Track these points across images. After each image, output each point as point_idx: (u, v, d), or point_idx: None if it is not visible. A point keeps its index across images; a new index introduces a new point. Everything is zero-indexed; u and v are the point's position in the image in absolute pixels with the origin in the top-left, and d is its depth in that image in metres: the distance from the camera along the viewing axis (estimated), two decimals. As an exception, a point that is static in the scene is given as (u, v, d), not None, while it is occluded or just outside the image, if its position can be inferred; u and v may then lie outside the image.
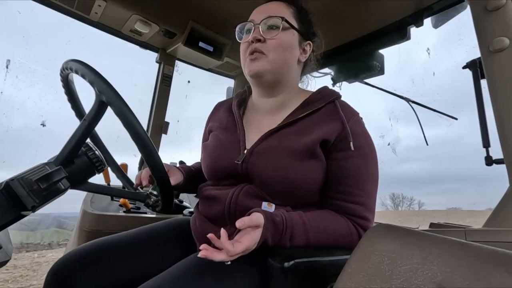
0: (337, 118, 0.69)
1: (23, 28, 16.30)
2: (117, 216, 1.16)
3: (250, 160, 0.68)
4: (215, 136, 0.79)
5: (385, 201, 33.50)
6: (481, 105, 1.05)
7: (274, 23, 0.71)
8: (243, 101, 0.85)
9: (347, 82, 1.61)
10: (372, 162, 0.69)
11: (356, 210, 0.66)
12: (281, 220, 0.60)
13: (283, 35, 0.71)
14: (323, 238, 0.63)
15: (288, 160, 0.65)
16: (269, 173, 0.65)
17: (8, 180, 0.50)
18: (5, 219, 0.50)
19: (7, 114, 3.05)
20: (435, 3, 1.15)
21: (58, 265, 0.66)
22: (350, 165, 0.66)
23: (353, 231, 0.65)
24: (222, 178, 0.73)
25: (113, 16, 1.33)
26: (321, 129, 0.67)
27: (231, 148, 0.73)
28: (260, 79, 0.73)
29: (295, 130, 0.69)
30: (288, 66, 0.74)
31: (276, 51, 0.70)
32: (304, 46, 0.77)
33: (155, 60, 1.65)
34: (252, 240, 0.55)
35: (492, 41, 0.88)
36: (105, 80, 0.56)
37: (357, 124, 0.70)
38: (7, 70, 1.46)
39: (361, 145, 0.67)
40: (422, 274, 0.34)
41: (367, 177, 0.67)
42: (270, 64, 0.71)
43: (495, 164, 1.00)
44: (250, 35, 0.73)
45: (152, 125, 1.63)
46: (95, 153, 0.62)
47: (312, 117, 0.71)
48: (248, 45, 0.72)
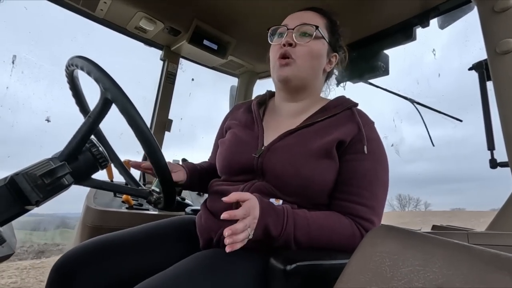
0: (354, 122, 0.71)
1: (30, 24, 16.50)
2: (120, 212, 1.17)
3: (267, 155, 0.70)
4: (233, 133, 0.81)
5: (392, 202, 33.39)
6: (487, 107, 1.04)
7: (307, 30, 0.74)
8: (263, 103, 0.87)
9: (351, 82, 1.60)
10: (383, 168, 0.69)
11: (361, 211, 0.65)
12: (282, 208, 0.61)
13: (314, 44, 0.74)
14: (325, 235, 0.62)
15: (304, 157, 0.67)
16: (284, 167, 0.67)
17: (13, 174, 0.50)
18: (10, 213, 0.50)
19: (13, 109, 3.10)
20: (442, 3, 1.14)
21: (61, 261, 0.66)
22: (361, 167, 0.67)
23: (356, 232, 0.65)
24: (235, 173, 0.75)
25: (118, 13, 1.34)
26: (337, 131, 0.69)
27: (249, 144, 0.75)
28: (287, 84, 0.77)
29: (313, 131, 0.72)
30: (314, 73, 0.77)
31: (305, 58, 0.73)
32: (331, 57, 0.80)
33: (160, 57, 1.66)
34: (250, 203, 0.56)
35: (499, 43, 0.87)
36: (110, 77, 0.56)
37: (372, 131, 0.72)
38: (13, 65, 1.47)
39: (374, 150, 0.69)
40: (424, 276, 0.34)
41: (377, 181, 0.67)
42: (298, 70, 0.73)
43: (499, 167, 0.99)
44: (282, 38, 0.75)
45: (155, 122, 1.63)
46: (98, 149, 0.62)
47: (330, 120, 0.73)
48: (279, 48, 0.75)
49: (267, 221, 0.57)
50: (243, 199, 0.57)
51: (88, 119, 0.58)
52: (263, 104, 0.87)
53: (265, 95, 0.89)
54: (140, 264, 0.69)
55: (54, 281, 0.65)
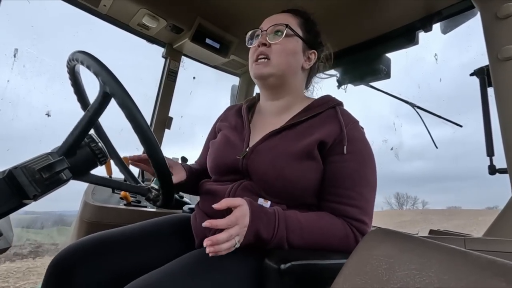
0: (336, 122, 0.72)
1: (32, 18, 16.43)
2: (118, 208, 1.17)
3: (251, 157, 0.71)
4: (223, 135, 0.83)
5: (390, 200, 33.47)
6: (487, 113, 1.04)
7: (279, 29, 0.77)
8: (252, 106, 0.90)
9: (353, 84, 1.60)
10: (369, 168, 0.70)
11: (352, 212, 0.66)
12: (273, 211, 0.61)
13: (286, 41, 0.76)
14: (318, 237, 0.63)
15: (287, 159, 0.68)
16: (267, 170, 0.68)
17: (11, 168, 0.50)
18: (7, 206, 0.50)
19: (13, 103, 3.10)
20: (445, 8, 1.14)
21: (59, 258, 0.66)
22: (347, 169, 0.68)
23: (349, 233, 0.65)
24: (223, 174, 0.76)
25: (121, 10, 1.34)
26: (319, 132, 0.70)
27: (236, 146, 0.77)
28: (264, 81, 0.79)
29: (296, 132, 0.73)
30: (291, 70, 0.78)
31: (280, 55, 0.75)
32: (308, 54, 0.82)
33: (161, 55, 1.65)
34: (240, 212, 0.56)
35: (501, 49, 0.87)
36: (110, 71, 0.56)
37: (356, 130, 0.72)
38: (14, 58, 1.47)
39: (358, 150, 0.69)
40: (420, 280, 0.34)
41: (364, 182, 0.68)
42: (273, 67, 0.75)
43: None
44: (257, 40, 0.79)
45: (155, 119, 1.63)
46: (98, 145, 0.62)
47: (313, 121, 0.74)
48: (255, 50, 0.78)
49: (258, 226, 0.57)
50: (233, 205, 0.57)
51: (87, 113, 0.58)
52: (252, 106, 0.89)
53: (254, 98, 0.92)
54: (137, 261, 0.70)
55: (51, 277, 0.64)
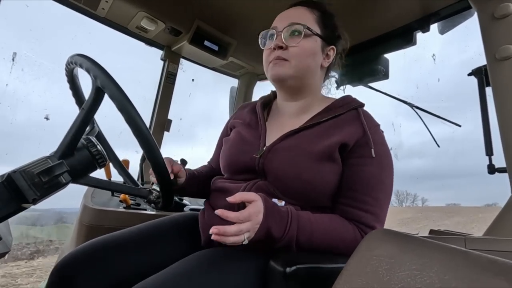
0: (359, 124, 0.69)
1: (31, 21, 16.26)
2: (117, 211, 1.16)
3: (268, 156, 0.69)
4: (237, 132, 0.80)
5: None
6: (485, 113, 1.04)
7: (296, 29, 0.71)
8: (268, 103, 0.87)
9: (351, 85, 1.61)
10: (388, 173, 0.68)
11: (365, 218, 0.64)
12: (286, 210, 0.59)
13: (305, 42, 0.71)
14: (327, 239, 0.62)
15: (306, 160, 0.65)
16: (285, 170, 0.66)
17: (10, 172, 0.50)
18: (6, 210, 0.50)
19: (12, 106, 3.07)
20: (443, 8, 1.15)
21: (61, 264, 0.65)
22: (365, 173, 0.65)
23: (358, 238, 0.63)
24: (238, 172, 0.74)
25: (119, 13, 1.34)
26: (341, 133, 0.67)
27: (252, 144, 0.74)
28: (283, 84, 0.75)
29: (316, 132, 0.70)
30: (310, 72, 0.74)
31: (299, 58, 0.71)
32: (327, 51, 0.77)
33: (160, 57, 1.66)
34: (255, 208, 0.55)
35: (499, 49, 0.88)
36: (100, 65, 0.56)
37: (378, 134, 0.70)
38: (13, 62, 1.47)
39: (379, 154, 0.66)
40: (421, 280, 0.34)
41: (381, 188, 0.66)
42: (292, 70, 0.72)
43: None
44: (272, 42, 0.74)
45: (155, 122, 1.63)
46: (97, 148, 0.62)
47: (334, 121, 0.71)
48: (271, 52, 0.73)
49: (270, 223, 0.56)
50: (248, 199, 0.56)
51: (82, 111, 0.58)
52: (267, 104, 0.86)
53: (270, 95, 0.88)
54: (141, 263, 0.69)
55: (54, 284, 0.64)
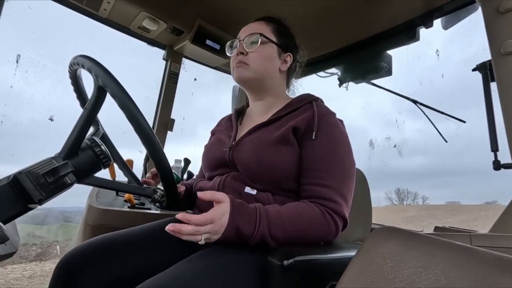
0: (310, 112, 0.77)
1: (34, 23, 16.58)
2: (122, 211, 1.17)
3: (236, 148, 0.78)
4: (215, 137, 0.92)
5: (391, 195, 33.56)
6: (490, 108, 1.03)
7: (254, 38, 0.84)
8: (242, 111, 0.98)
9: (354, 82, 1.60)
10: (342, 150, 0.73)
11: (324, 193, 0.67)
12: (254, 208, 0.62)
13: (262, 48, 0.83)
14: (299, 225, 0.63)
15: (265, 146, 0.73)
16: (249, 158, 0.73)
17: (16, 173, 0.51)
18: (13, 211, 0.50)
19: (16, 108, 3.10)
20: (446, 3, 1.14)
21: (66, 259, 0.67)
22: (319, 151, 0.71)
23: (325, 214, 0.66)
24: (214, 168, 0.82)
25: (121, 13, 1.34)
26: (294, 120, 0.76)
27: (224, 142, 0.84)
28: (245, 84, 0.87)
29: (276, 125, 0.79)
30: (269, 74, 0.85)
31: (257, 62, 0.82)
32: (284, 57, 0.88)
33: (162, 57, 1.66)
34: (218, 211, 0.58)
35: (504, 44, 0.87)
36: (101, 64, 0.56)
37: (330, 119, 0.76)
38: (17, 64, 1.48)
39: (331, 133, 0.73)
40: (426, 278, 0.34)
41: (337, 163, 0.71)
42: (252, 72, 0.83)
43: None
44: (236, 49, 0.86)
45: (158, 122, 1.64)
46: (101, 148, 0.62)
47: (291, 115, 0.80)
48: (235, 58, 0.85)
49: (239, 222, 0.58)
50: (216, 200, 0.60)
51: (85, 111, 0.58)
52: (241, 112, 0.98)
53: (243, 105, 1.00)
54: (143, 262, 0.70)
55: (58, 279, 0.65)
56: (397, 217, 14.09)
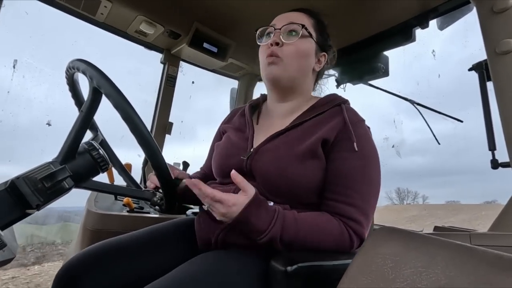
0: (341, 118, 0.70)
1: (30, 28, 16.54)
2: (121, 215, 1.17)
3: (255, 157, 0.71)
4: (227, 136, 0.83)
5: (391, 195, 33.66)
6: (487, 108, 1.04)
7: (294, 29, 0.74)
8: (257, 106, 0.88)
9: (352, 83, 1.60)
10: (372, 167, 0.68)
11: (349, 212, 0.64)
12: (274, 208, 0.61)
13: (301, 42, 0.74)
14: (313, 236, 0.62)
15: (290, 159, 0.67)
16: (270, 169, 0.67)
17: (14, 178, 0.50)
18: (10, 217, 0.50)
19: (14, 113, 3.10)
20: (441, 4, 1.15)
21: (66, 267, 0.66)
22: (348, 166, 0.66)
23: (344, 232, 0.63)
24: (227, 175, 0.75)
25: (118, 17, 1.34)
26: (323, 129, 0.69)
27: (240, 146, 0.76)
28: (277, 84, 0.77)
29: (300, 131, 0.71)
30: (303, 73, 0.77)
31: (293, 57, 0.73)
32: (319, 56, 0.80)
33: (160, 60, 1.66)
34: (233, 198, 0.57)
35: (499, 43, 0.87)
36: (95, 66, 0.56)
37: (361, 128, 0.70)
38: (14, 69, 1.47)
39: (361, 148, 0.67)
40: (426, 277, 0.34)
41: (365, 180, 0.66)
42: (286, 70, 0.73)
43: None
44: (269, 39, 0.75)
45: (156, 125, 1.63)
46: (99, 152, 0.62)
47: (317, 119, 0.73)
48: (267, 48, 0.75)
49: (252, 216, 0.57)
50: (242, 187, 0.59)
51: (81, 113, 0.58)
52: (256, 107, 0.88)
53: (259, 98, 0.90)
54: (144, 267, 0.70)
55: (59, 285, 0.64)
56: (400, 216, 14.13)
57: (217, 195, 0.56)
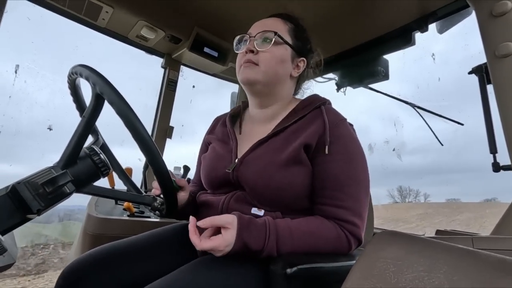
0: (321, 121, 0.70)
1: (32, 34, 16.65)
2: (121, 220, 1.16)
3: (240, 169, 0.71)
4: (212, 148, 0.83)
5: (393, 193, 33.71)
6: (488, 111, 1.04)
7: (267, 36, 0.75)
8: (237, 114, 0.89)
9: (352, 87, 1.61)
10: (358, 166, 0.67)
11: (341, 214, 0.64)
12: (264, 223, 0.60)
13: (275, 49, 0.74)
14: (309, 242, 0.61)
15: (274, 168, 0.67)
16: (255, 180, 0.67)
17: (15, 183, 0.50)
18: (11, 222, 0.50)
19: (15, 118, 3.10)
20: (440, 8, 1.15)
21: (67, 271, 0.66)
22: (332, 168, 0.66)
23: (341, 234, 0.63)
24: (217, 187, 0.77)
25: (119, 22, 1.36)
26: (304, 134, 0.69)
27: (225, 158, 0.76)
28: (252, 87, 0.77)
29: (282, 138, 0.72)
30: (279, 79, 0.76)
31: (267, 63, 0.73)
32: (297, 62, 0.79)
33: (161, 65, 1.67)
34: (223, 241, 0.56)
35: (498, 47, 0.88)
36: (98, 73, 0.56)
37: (342, 128, 0.69)
38: (16, 75, 1.48)
39: (344, 148, 0.67)
40: (429, 282, 0.33)
41: (352, 181, 0.66)
42: (261, 74, 0.74)
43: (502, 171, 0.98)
44: (245, 46, 0.77)
45: (157, 129, 1.64)
46: (100, 156, 0.62)
47: (299, 124, 0.73)
48: (243, 56, 0.76)
49: (247, 240, 0.57)
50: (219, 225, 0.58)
51: (83, 119, 0.58)
52: (237, 116, 0.88)
53: (239, 106, 0.90)
54: (145, 271, 0.70)
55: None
56: (408, 214, 14.23)
57: (206, 247, 0.56)
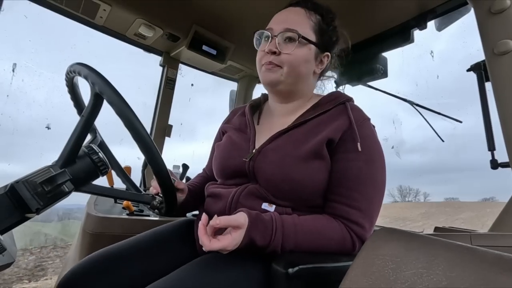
0: (345, 117, 0.68)
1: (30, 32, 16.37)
2: (120, 218, 1.16)
3: (258, 158, 0.68)
4: (228, 137, 0.81)
5: (393, 192, 33.90)
6: (486, 108, 1.04)
7: (290, 36, 0.71)
8: (258, 106, 0.87)
9: (350, 85, 1.61)
10: (377, 168, 0.66)
11: (352, 214, 0.63)
12: (270, 219, 0.59)
13: (298, 50, 0.71)
14: (313, 241, 0.61)
15: (294, 160, 0.65)
16: (274, 171, 0.65)
17: (13, 182, 0.50)
18: (10, 221, 0.50)
19: (13, 117, 3.09)
20: (439, 5, 1.15)
21: (67, 277, 0.66)
22: (353, 167, 0.64)
23: (346, 236, 0.62)
24: (229, 177, 0.74)
25: (117, 20, 1.35)
26: (327, 129, 0.67)
27: (241, 147, 0.74)
28: (274, 88, 0.76)
29: (304, 131, 0.70)
30: (302, 78, 0.75)
31: (290, 65, 0.71)
32: (321, 58, 0.77)
33: (159, 63, 1.66)
34: (232, 241, 0.55)
35: (497, 44, 0.88)
36: (97, 72, 0.56)
37: (366, 128, 0.68)
38: (13, 73, 1.47)
39: (367, 148, 0.65)
40: (427, 279, 0.34)
41: (370, 182, 0.64)
42: (284, 76, 0.72)
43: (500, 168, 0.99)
44: (267, 44, 0.73)
45: (155, 128, 1.63)
46: (98, 155, 0.62)
47: (321, 118, 0.71)
48: (264, 54, 0.73)
49: (254, 236, 0.56)
50: (231, 225, 0.56)
51: (82, 118, 0.58)
52: (257, 107, 0.87)
53: (259, 98, 0.89)
54: (147, 272, 0.69)
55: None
56: (413, 213, 14.47)
57: (215, 247, 0.54)
